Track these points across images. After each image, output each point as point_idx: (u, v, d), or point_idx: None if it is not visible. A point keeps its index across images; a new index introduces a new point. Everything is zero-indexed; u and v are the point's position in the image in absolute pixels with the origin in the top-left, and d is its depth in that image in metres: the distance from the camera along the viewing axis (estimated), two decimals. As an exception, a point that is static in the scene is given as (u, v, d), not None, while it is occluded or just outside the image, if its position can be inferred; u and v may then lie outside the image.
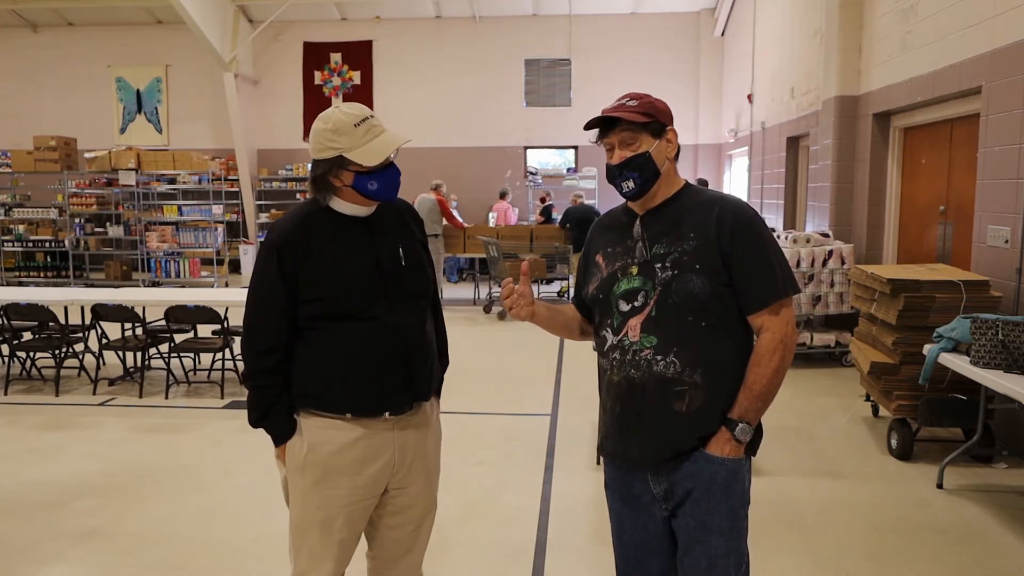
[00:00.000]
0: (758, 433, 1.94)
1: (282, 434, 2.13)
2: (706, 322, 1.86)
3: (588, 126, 1.97)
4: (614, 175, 1.94)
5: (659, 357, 1.86)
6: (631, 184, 1.92)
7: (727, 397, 1.88)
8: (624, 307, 1.92)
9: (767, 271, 1.88)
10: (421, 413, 2.22)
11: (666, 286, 1.87)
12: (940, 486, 4.18)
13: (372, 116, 2.06)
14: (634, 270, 1.93)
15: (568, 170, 14.50)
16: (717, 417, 1.88)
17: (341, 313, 2.06)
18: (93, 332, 6.31)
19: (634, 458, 1.95)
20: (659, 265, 1.89)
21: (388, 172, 2.08)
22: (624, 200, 2.04)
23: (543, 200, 13.29)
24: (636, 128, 1.90)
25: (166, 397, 6.10)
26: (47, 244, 12.74)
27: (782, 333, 1.87)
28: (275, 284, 2.05)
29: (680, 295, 1.85)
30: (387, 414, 2.11)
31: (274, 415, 2.10)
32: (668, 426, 1.88)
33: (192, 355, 6.74)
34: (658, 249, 1.91)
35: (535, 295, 2.09)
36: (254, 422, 2.13)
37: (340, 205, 2.11)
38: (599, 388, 2.07)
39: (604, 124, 1.94)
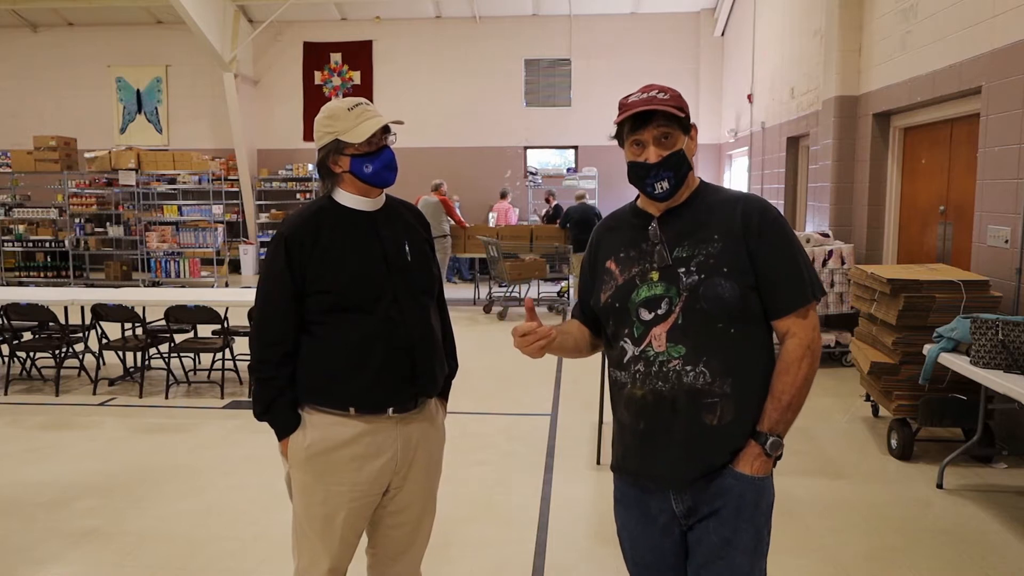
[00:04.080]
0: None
1: (285, 428, 2.13)
2: (735, 328, 1.75)
3: (627, 119, 1.78)
4: (647, 174, 1.78)
5: (689, 368, 1.74)
6: (666, 184, 1.78)
7: (756, 407, 1.78)
8: (646, 316, 1.79)
9: (795, 273, 1.78)
10: (426, 411, 2.22)
11: (693, 291, 1.75)
12: (940, 486, 4.18)
13: (368, 103, 2.13)
14: (655, 276, 1.80)
15: (568, 170, 14.50)
16: (747, 429, 1.78)
17: (346, 306, 2.07)
18: (93, 332, 6.31)
19: (662, 477, 1.82)
20: (683, 269, 1.77)
21: (383, 155, 2.13)
22: (635, 200, 1.94)
23: (548, 200, 13.30)
24: (672, 123, 1.77)
25: (166, 397, 6.10)
26: (47, 244, 12.75)
27: (809, 338, 1.77)
28: (283, 276, 2.07)
29: (709, 301, 1.73)
30: (391, 410, 2.12)
31: (278, 408, 2.11)
32: (700, 441, 1.76)
33: (192, 355, 6.74)
34: (680, 252, 1.79)
35: (536, 296, 2.01)
36: (258, 415, 2.14)
37: (344, 198, 2.15)
38: (612, 402, 1.92)
39: (638, 117, 1.77)
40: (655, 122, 1.77)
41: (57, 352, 6.33)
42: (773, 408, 1.77)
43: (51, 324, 6.35)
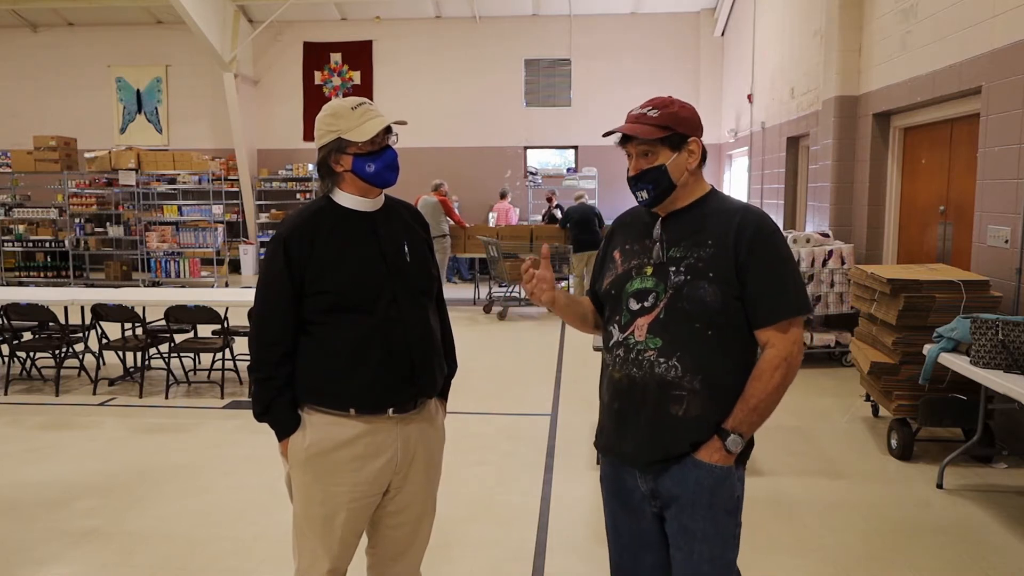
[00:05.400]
0: (749, 444, 1.93)
1: (285, 429, 2.13)
2: (712, 331, 1.85)
3: (606, 136, 2.00)
4: (631, 184, 1.97)
5: (662, 360, 1.86)
6: (645, 194, 1.94)
7: (725, 408, 1.87)
8: (634, 305, 1.92)
9: (779, 287, 1.87)
10: (425, 411, 2.22)
11: (677, 291, 1.86)
12: (940, 486, 4.18)
13: (371, 103, 2.14)
14: (648, 270, 1.93)
15: (568, 170, 14.50)
16: (711, 426, 1.87)
17: (346, 306, 2.07)
18: (93, 332, 6.31)
19: (626, 455, 1.96)
20: (673, 268, 1.89)
21: (385, 154, 2.13)
22: None
23: (550, 200, 13.29)
24: (652, 142, 1.91)
25: (166, 397, 6.10)
26: (47, 244, 12.74)
27: (787, 351, 1.86)
28: (282, 276, 2.08)
29: (690, 301, 1.85)
30: (391, 411, 2.12)
31: (277, 409, 2.11)
32: (662, 428, 1.88)
33: (192, 355, 6.74)
34: (675, 252, 1.91)
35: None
36: (257, 415, 2.14)
37: (344, 198, 2.15)
38: (599, 382, 2.07)
39: (622, 135, 1.95)
40: (636, 140, 1.93)
41: (57, 352, 6.33)
42: (740, 408, 1.87)
43: (51, 324, 6.35)
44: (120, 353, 6.48)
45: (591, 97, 14.65)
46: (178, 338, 6.42)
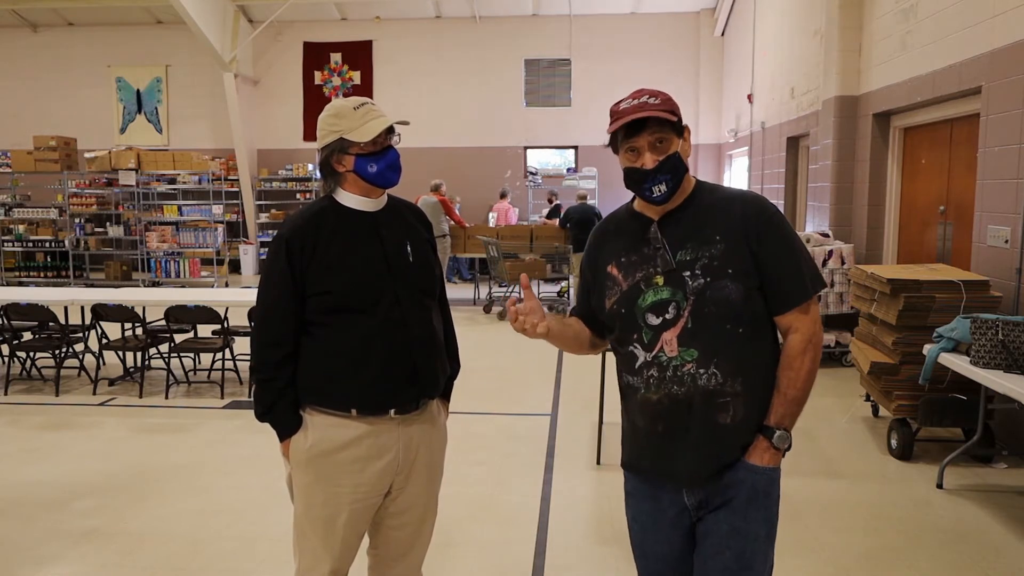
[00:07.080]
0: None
1: (287, 429, 2.13)
2: (742, 328, 1.79)
3: (620, 128, 1.79)
4: (645, 179, 1.79)
5: (702, 370, 1.77)
6: (663, 188, 1.79)
7: (764, 402, 1.82)
8: (654, 320, 1.81)
9: (795, 270, 1.82)
10: (427, 412, 2.22)
11: (700, 295, 1.77)
12: (940, 486, 4.18)
13: (373, 103, 2.13)
14: (659, 280, 1.81)
15: (568, 170, 14.49)
16: (757, 425, 1.82)
17: (348, 307, 2.07)
18: (93, 332, 6.31)
19: (680, 476, 1.86)
20: (688, 273, 1.79)
21: (387, 155, 2.12)
22: (630, 203, 1.96)
23: (550, 200, 13.30)
24: (666, 127, 1.79)
25: (166, 397, 6.10)
26: (47, 244, 12.74)
27: (810, 332, 1.81)
28: (283, 277, 2.07)
29: (717, 304, 1.76)
30: (392, 412, 2.11)
31: (279, 409, 2.11)
32: (715, 439, 1.81)
33: (192, 355, 6.74)
34: (683, 255, 1.80)
35: (535, 295, 1.96)
36: (259, 416, 2.14)
37: (347, 198, 2.14)
38: (623, 405, 1.95)
39: (632, 124, 1.79)
40: (648, 128, 1.79)
41: (57, 352, 6.33)
42: (779, 403, 1.82)
43: (51, 324, 6.35)
44: (120, 353, 6.48)
45: (591, 97, 14.65)
46: (178, 338, 6.42)
